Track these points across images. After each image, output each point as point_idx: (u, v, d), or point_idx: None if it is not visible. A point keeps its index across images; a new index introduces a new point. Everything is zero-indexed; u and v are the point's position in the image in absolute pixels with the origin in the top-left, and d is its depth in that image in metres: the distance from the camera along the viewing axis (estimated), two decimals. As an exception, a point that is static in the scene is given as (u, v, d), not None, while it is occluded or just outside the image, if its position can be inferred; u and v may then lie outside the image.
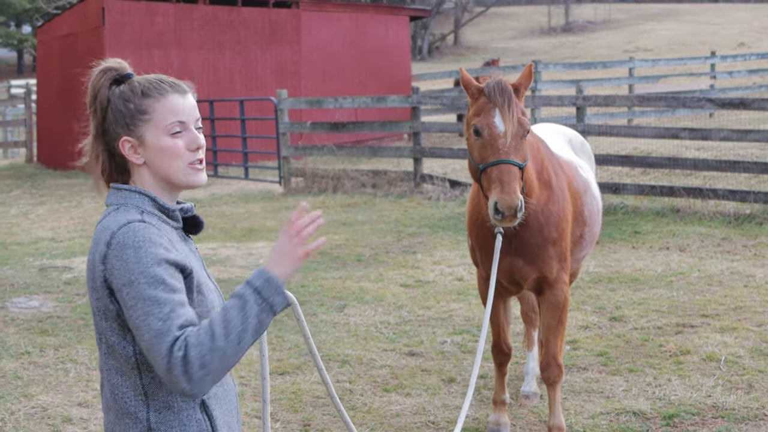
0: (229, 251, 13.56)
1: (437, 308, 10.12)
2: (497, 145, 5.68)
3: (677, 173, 17.65)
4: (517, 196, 5.54)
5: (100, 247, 2.85)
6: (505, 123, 5.69)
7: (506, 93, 5.75)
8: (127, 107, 3.02)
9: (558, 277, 6.33)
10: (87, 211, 18.37)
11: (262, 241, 14.27)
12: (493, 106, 5.75)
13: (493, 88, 5.79)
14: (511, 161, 5.63)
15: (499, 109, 5.72)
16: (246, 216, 17.14)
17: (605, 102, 17.06)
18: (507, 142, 5.66)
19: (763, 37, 61.15)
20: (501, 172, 5.61)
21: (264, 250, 13.39)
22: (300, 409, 7.31)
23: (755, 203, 14.47)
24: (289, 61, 26.42)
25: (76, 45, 25.73)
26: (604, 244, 12.99)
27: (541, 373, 6.55)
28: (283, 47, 26.36)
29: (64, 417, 7.16)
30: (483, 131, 5.76)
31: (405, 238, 14.17)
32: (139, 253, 2.78)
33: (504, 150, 5.65)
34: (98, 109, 3.07)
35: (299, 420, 7.11)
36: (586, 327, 9.24)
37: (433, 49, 69.36)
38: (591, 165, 7.74)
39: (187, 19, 24.89)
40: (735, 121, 23.98)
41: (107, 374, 2.92)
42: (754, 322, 9.12)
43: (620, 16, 79.92)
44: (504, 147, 5.66)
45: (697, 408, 7.02)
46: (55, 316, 10.03)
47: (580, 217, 6.70)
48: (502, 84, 5.79)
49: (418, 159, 18.84)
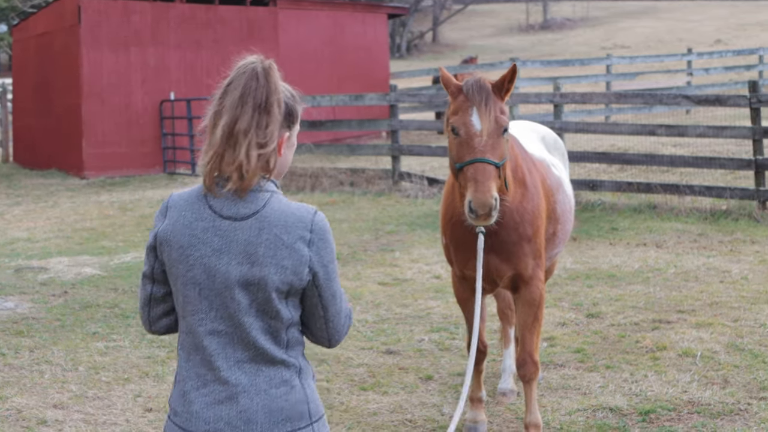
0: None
1: (415, 306, 10.12)
2: (473, 144, 5.67)
3: (654, 170, 17.72)
4: (492, 194, 5.52)
5: (302, 232, 3.22)
6: (481, 121, 5.68)
7: (484, 91, 5.73)
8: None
9: (533, 274, 6.33)
10: (64, 211, 18.28)
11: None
12: (471, 104, 5.74)
13: (472, 87, 5.77)
14: (487, 160, 5.61)
15: (476, 108, 5.71)
16: (224, 215, 17.06)
17: (582, 99, 17.11)
18: (483, 141, 5.65)
19: (739, 34, 61.42)
20: (476, 171, 5.60)
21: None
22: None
23: (731, 199, 14.54)
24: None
25: (52, 44, 25.60)
26: (582, 241, 13.02)
27: (518, 371, 6.55)
28: (260, 45, 26.04)
29: (39, 419, 7.12)
30: (460, 130, 5.75)
31: (383, 236, 14.16)
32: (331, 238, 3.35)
33: (480, 149, 5.64)
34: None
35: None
36: (563, 324, 9.26)
37: (411, 46, 69.32)
38: (564, 162, 7.75)
39: (164, 18, 24.79)
40: (711, 118, 24.08)
41: (253, 335, 3.21)
42: (730, 318, 9.15)
43: (598, 14, 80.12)
44: (480, 146, 5.65)
45: (673, 403, 7.04)
46: (30, 318, 9.97)
47: (553, 214, 6.71)
48: (480, 82, 5.77)
49: (396, 157, 18.85)
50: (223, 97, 3.27)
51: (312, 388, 3.31)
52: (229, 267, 3.16)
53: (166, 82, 24.80)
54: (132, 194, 20.61)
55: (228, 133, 3.22)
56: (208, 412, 3.19)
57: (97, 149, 23.78)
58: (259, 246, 3.16)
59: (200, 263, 3.19)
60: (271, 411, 3.20)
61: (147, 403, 7.44)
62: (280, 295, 3.19)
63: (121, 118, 24.15)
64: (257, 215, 3.19)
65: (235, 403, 3.18)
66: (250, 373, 3.21)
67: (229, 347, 3.21)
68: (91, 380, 7.99)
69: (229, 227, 3.18)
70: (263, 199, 3.21)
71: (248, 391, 3.20)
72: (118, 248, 14.01)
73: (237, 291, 3.17)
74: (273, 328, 3.21)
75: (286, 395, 3.22)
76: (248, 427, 3.18)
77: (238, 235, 3.17)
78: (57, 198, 20.33)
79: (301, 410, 3.24)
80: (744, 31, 62.68)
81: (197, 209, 3.25)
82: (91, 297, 10.86)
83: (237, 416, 3.18)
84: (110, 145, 23.93)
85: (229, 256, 3.17)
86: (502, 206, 6.04)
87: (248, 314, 3.18)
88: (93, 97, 23.71)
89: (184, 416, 3.23)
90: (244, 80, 3.27)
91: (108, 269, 12.34)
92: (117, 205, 18.82)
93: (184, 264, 3.21)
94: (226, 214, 3.20)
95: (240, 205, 3.20)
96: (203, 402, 3.21)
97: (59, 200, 19.96)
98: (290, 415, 3.21)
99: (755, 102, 14.41)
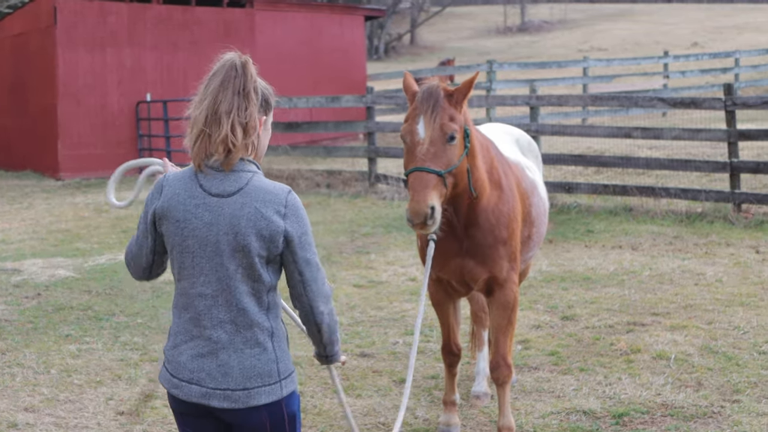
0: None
1: (390, 309, 10.10)
2: (415, 152, 5.66)
3: (630, 172, 17.77)
4: (426, 204, 5.50)
5: (277, 207, 3.73)
6: (425, 129, 5.65)
7: (432, 99, 5.70)
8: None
9: (508, 277, 6.32)
10: (38, 212, 18.17)
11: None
12: (419, 112, 5.72)
13: (422, 94, 5.75)
14: (426, 168, 5.58)
15: (422, 116, 5.68)
16: (199, 217, 17.01)
17: (558, 101, 17.13)
18: (424, 149, 5.62)
19: (716, 36, 61.66)
20: (414, 180, 5.60)
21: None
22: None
23: (706, 202, 14.59)
24: (244, 61, 26.25)
25: (28, 44, 25.45)
26: (557, 243, 13.03)
27: (491, 374, 6.54)
28: (237, 47, 24.89)
29: (10, 422, 7.06)
30: (406, 138, 5.77)
31: (359, 238, 14.14)
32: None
33: (420, 157, 5.62)
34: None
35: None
36: (537, 326, 9.26)
37: (389, 48, 69.28)
38: (538, 165, 7.75)
39: (141, 19, 24.69)
40: (687, 120, 24.14)
41: (237, 297, 3.73)
42: (704, 320, 9.17)
43: (576, 16, 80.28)
44: (420, 154, 5.63)
45: (646, 406, 7.04)
46: (2, 320, 9.90)
47: (528, 217, 6.70)
48: (431, 89, 5.73)
49: (373, 159, 18.84)
50: (206, 86, 3.79)
51: (283, 349, 3.82)
52: (218, 237, 3.70)
53: (143, 84, 24.70)
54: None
55: (212, 113, 3.71)
56: (193, 364, 3.75)
57: (72, 150, 23.66)
58: (242, 218, 3.68)
59: (193, 235, 3.73)
60: (244, 367, 3.73)
61: (119, 406, 7.40)
62: (262, 260, 3.72)
63: (97, 120, 24.04)
64: (240, 192, 3.71)
65: (215, 357, 3.74)
66: (230, 332, 3.73)
67: (214, 309, 3.74)
68: (62, 383, 7.93)
69: (217, 203, 3.71)
70: (246, 178, 3.73)
71: (227, 348, 3.73)
72: (92, 250, 13.93)
73: (225, 258, 3.70)
74: (256, 290, 3.74)
75: (258, 355, 3.75)
76: (225, 379, 3.72)
77: (225, 209, 3.70)
78: (32, 199, 20.20)
79: (271, 369, 3.76)
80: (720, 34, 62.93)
81: (190, 188, 3.76)
82: (64, 299, 10.79)
83: (216, 369, 3.73)
84: (86, 146, 23.82)
85: (218, 228, 3.70)
86: (477, 208, 6.04)
87: (235, 279, 3.71)
88: (69, 98, 23.59)
89: (174, 365, 3.80)
90: (224, 71, 3.79)
91: (82, 271, 12.26)
92: (92, 206, 18.72)
93: (179, 236, 3.75)
94: (215, 192, 3.72)
95: (226, 184, 3.72)
96: (189, 354, 3.77)
97: (34, 202, 19.83)
98: (261, 372, 3.74)
99: (730, 105, 14.46)
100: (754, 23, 66.64)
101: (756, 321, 9.08)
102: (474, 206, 6.08)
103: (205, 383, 3.72)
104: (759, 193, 14.42)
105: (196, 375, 3.74)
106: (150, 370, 8.25)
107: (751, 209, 14.31)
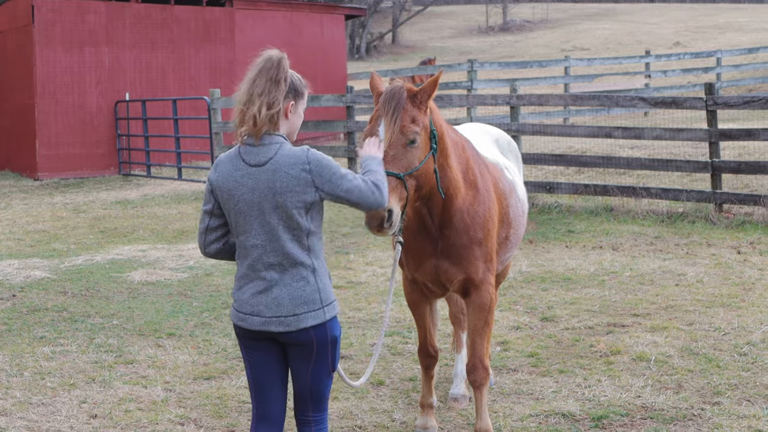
0: (159, 253, 13.35)
1: (368, 310, 10.01)
2: None
3: (611, 172, 17.72)
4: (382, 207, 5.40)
5: (303, 165, 4.65)
6: (384, 132, 5.55)
7: (393, 101, 5.59)
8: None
9: (484, 279, 6.23)
10: (16, 213, 18.02)
11: (193, 242, 14.05)
12: (380, 114, 5.62)
13: (384, 96, 5.64)
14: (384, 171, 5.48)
15: (383, 118, 5.58)
16: (178, 217, 16.92)
17: (539, 101, 17.04)
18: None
19: (698, 36, 61.86)
20: None
21: (194, 252, 13.17)
22: (225, 415, 7.17)
23: (688, 202, 14.56)
24: (223, 60, 26.14)
25: (5, 43, 25.30)
26: (538, 244, 12.97)
27: (468, 376, 6.45)
28: (216, 46, 26.08)
29: (-20, 426, 6.94)
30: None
31: (338, 238, 14.05)
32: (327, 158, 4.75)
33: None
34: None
35: (224, 426, 6.97)
36: (517, 327, 9.18)
37: (371, 48, 69.23)
38: (518, 165, 7.66)
39: (119, 18, 24.54)
40: (669, 120, 24.16)
41: (282, 244, 4.70)
42: (685, 321, 9.11)
43: (558, 16, 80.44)
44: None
45: (626, 409, 6.97)
46: (-24, 322, 9.78)
47: (506, 218, 6.61)
48: (393, 90, 5.63)
49: (353, 159, 18.74)
50: (248, 74, 4.76)
51: (325, 282, 4.80)
52: (260, 199, 4.67)
53: (121, 83, 24.56)
54: (86, 196, 20.38)
55: (248, 94, 4.71)
56: (253, 299, 4.76)
57: (50, 150, 23.51)
58: (276, 182, 4.65)
59: (242, 199, 4.70)
60: (293, 298, 4.71)
61: (92, 409, 7.29)
62: (300, 211, 4.68)
63: (76, 119, 23.89)
64: (271, 161, 4.67)
65: (270, 293, 4.73)
66: (279, 272, 4.73)
67: (265, 255, 4.73)
68: (36, 386, 7.82)
69: (256, 172, 4.68)
70: (275, 149, 4.70)
71: (278, 284, 4.73)
72: (69, 251, 13.80)
73: (268, 215, 4.69)
74: (297, 237, 4.72)
75: (303, 287, 4.73)
76: (278, 309, 4.71)
77: (262, 176, 4.67)
78: (9, 199, 20.05)
79: (314, 297, 4.74)
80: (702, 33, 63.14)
81: (235, 163, 4.75)
82: (39, 300, 10.67)
83: (271, 301, 4.72)
84: (64, 146, 23.67)
85: (259, 192, 4.67)
86: (451, 209, 5.95)
87: (278, 230, 4.70)
88: (47, 97, 23.44)
89: (239, 302, 4.81)
90: (263, 63, 4.77)
91: (58, 272, 12.14)
92: (70, 206, 18.59)
93: (232, 201, 4.73)
94: (253, 162, 4.70)
95: (261, 156, 4.69)
96: (249, 292, 4.77)
97: (11, 202, 19.68)
98: (306, 300, 4.72)
99: (711, 104, 14.42)
100: (736, 23, 66.89)
101: (737, 322, 9.02)
102: (448, 207, 6.00)
103: (263, 314, 4.71)
104: (740, 193, 14.39)
105: (256, 308, 4.75)
106: (125, 372, 8.14)
107: (732, 209, 14.28)
